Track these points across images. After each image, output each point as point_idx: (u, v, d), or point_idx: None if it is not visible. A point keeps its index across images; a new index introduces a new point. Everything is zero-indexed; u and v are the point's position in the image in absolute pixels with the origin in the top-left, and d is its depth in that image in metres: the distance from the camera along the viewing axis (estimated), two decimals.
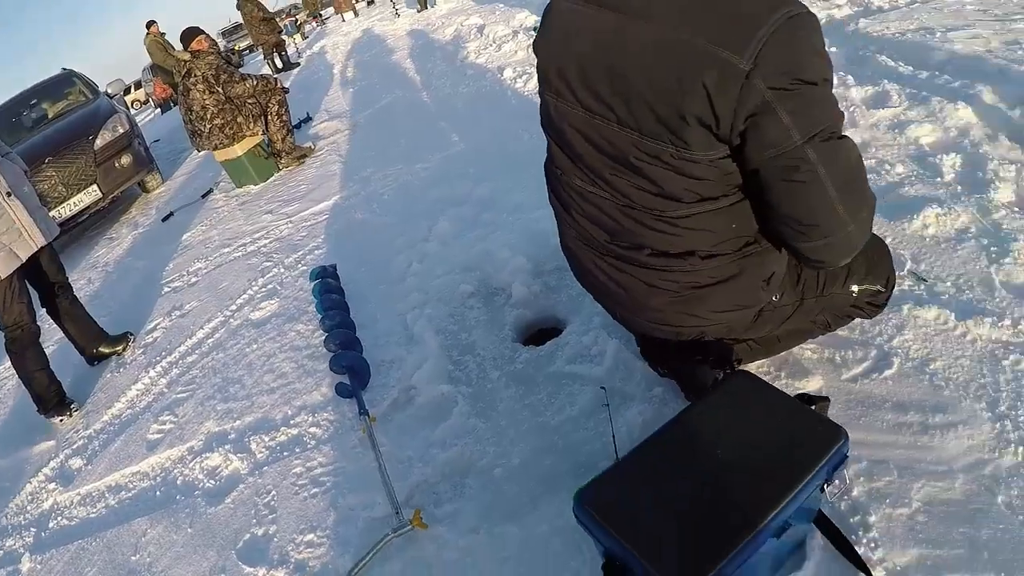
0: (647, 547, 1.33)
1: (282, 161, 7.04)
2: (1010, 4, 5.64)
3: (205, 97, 6.49)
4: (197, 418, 3.32)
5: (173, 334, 4.38)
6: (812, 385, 2.33)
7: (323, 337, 3.37)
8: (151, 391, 3.82)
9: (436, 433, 2.62)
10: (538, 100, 1.96)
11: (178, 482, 3.00)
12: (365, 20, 22.29)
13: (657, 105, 1.41)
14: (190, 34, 6.98)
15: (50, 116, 9.35)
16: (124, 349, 4.47)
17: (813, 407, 1.69)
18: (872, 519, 1.89)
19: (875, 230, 2.86)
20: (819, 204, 1.46)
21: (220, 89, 6.47)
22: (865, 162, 3.45)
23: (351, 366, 2.97)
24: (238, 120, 6.63)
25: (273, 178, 6.91)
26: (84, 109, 8.89)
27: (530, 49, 6.14)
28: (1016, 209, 3.17)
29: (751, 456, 1.46)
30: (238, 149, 6.70)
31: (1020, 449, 1.96)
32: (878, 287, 2.02)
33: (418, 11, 16.70)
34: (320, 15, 31.33)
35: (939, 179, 3.53)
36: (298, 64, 16.85)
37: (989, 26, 5.17)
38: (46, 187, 7.42)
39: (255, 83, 6.55)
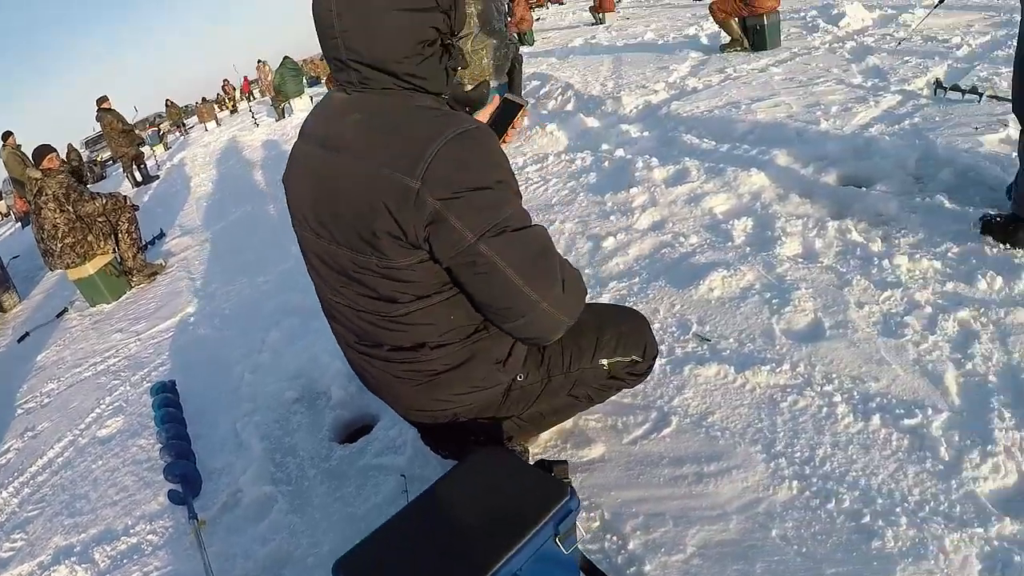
0: None
1: (133, 279, 7.07)
2: (815, 69, 5.93)
3: (56, 216, 6.50)
4: (46, 534, 3.37)
5: (25, 455, 4.38)
6: (595, 452, 2.45)
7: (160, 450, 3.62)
8: (3, 511, 3.87)
9: (259, 530, 2.75)
10: None
11: None
12: (227, 129, 22.64)
13: (358, 226, 1.61)
14: (41, 152, 7.00)
15: None
16: None
17: (552, 471, 1.99)
18: (647, 568, 1.97)
19: (666, 299, 3.40)
20: (505, 289, 1.61)
21: (70, 208, 6.52)
22: (662, 237, 4.05)
23: (183, 475, 3.14)
24: (88, 239, 6.67)
25: (125, 296, 6.95)
26: None
27: None
28: (800, 260, 3.52)
29: (488, 517, 1.59)
30: (90, 268, 6.70)
31: (795, 483, 2.10)
32: (632, 358, 2.14)
33: (276, 120, 17.16)
34: (183, 124, 31.36)
35: (729, 243, 3.87)
36: (157, 177, 16.79)
37: (793, 92, 5.55)
38: None
39: (104, 202, 6.67)
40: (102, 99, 15.92)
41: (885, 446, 2.21)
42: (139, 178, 16.49)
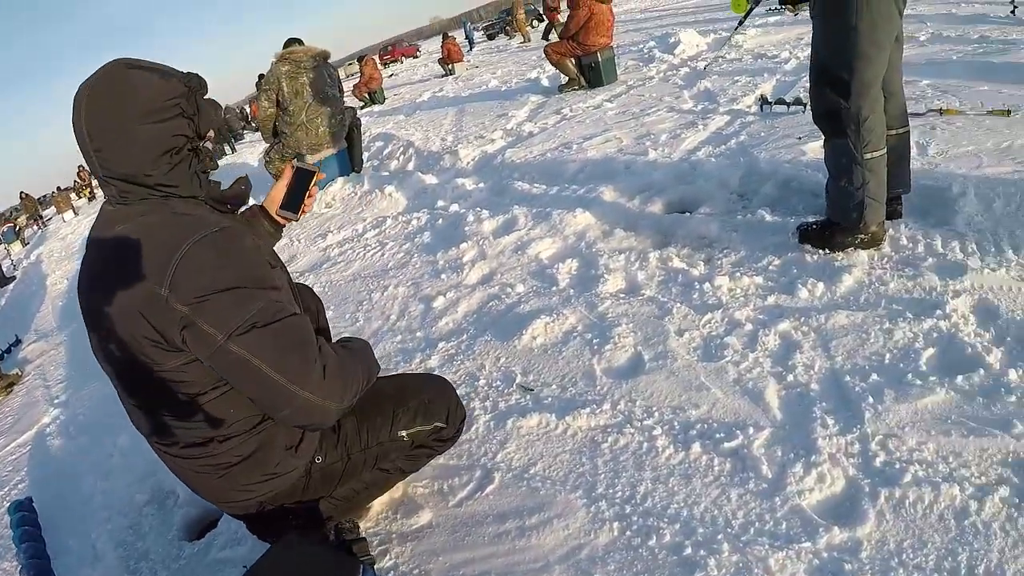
0: None
1: None
2: (648, 100, 5.95)
3: None
4: None
5: None
6: (423, 519, 2.42)
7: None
8: None
9: None
10: None
11: None
12: (85, 218, 22.32)
13: (124, 334, 1.67)
14: None
15: None
16: None
17: (352, 550, 2.07)
18: None
19: (492, 353, 3.35)
20: (263, 384, 1.65)
21: None
22: (490, 290, 3.96)
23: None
24: None
25: None
26: None
27: None
28: (622, 296, 3.49)
29: None
30: None
31: (615, 524, 2.09)
32: (435, 425, 2.22)
33: None
34: (40, 216, 30.22)
35: (554, 288, 3.82)
36: (13, 279, 16.37)
37: (625, 125, 5.61)
38: None
39: None
40: None
41: (707, 473, 2.20)
42: None
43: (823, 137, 3.09)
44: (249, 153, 12.36)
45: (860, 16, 2.76)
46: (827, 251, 3.18)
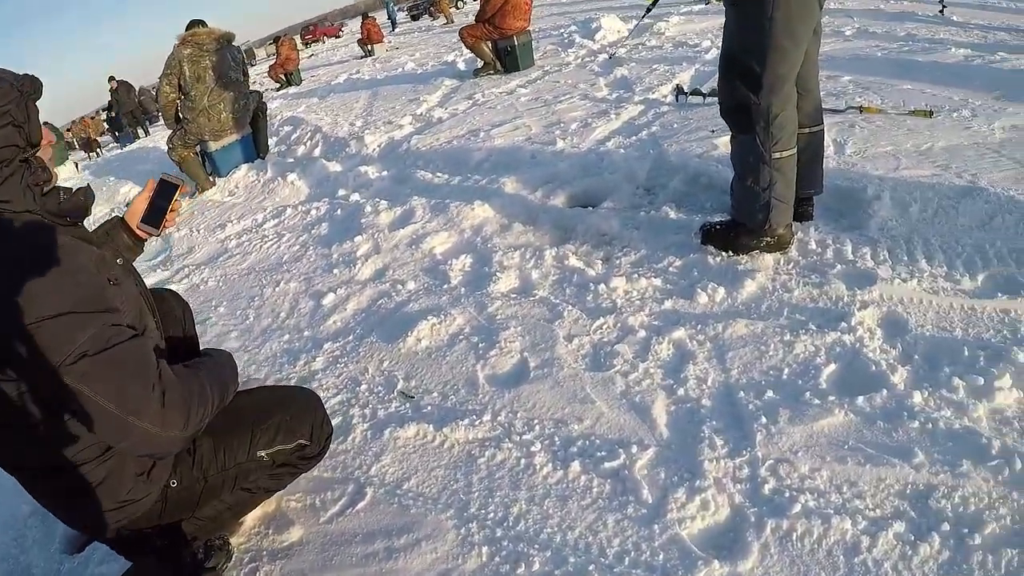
0: None
1: None
2: (562, 87, 5.74)
3: None
4: None
5: None
6: (294, 535, 2.28)
7: None
8: None
9: None
10: None
11: None
12: None
13: None
14: None
15: None
16: None
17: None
18: None
19: (376, 356, 3.14)
20: (98, 415, 1.54)
21: None
22: (381, 286, 3.69)
23: None
24: None
25: None
26: None
27: None
28: (514, 296, 3.27)
29: None
30: None
31: (484, 549, 1.96)
32: (298, 442, 2.12)
33: None
34: None
35: (445, 286, 3.59)
36: None
37: (535, 113, 5.32)
38: None
39: None
40: None
41: (584, 494, 2.05)
42: None
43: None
44: (162, 136, 11.86)
45: (777, 6, 2.54)
46: (730, 253, 3.00)
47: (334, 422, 2.74)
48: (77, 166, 17.10)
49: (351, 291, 3.91)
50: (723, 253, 3.01)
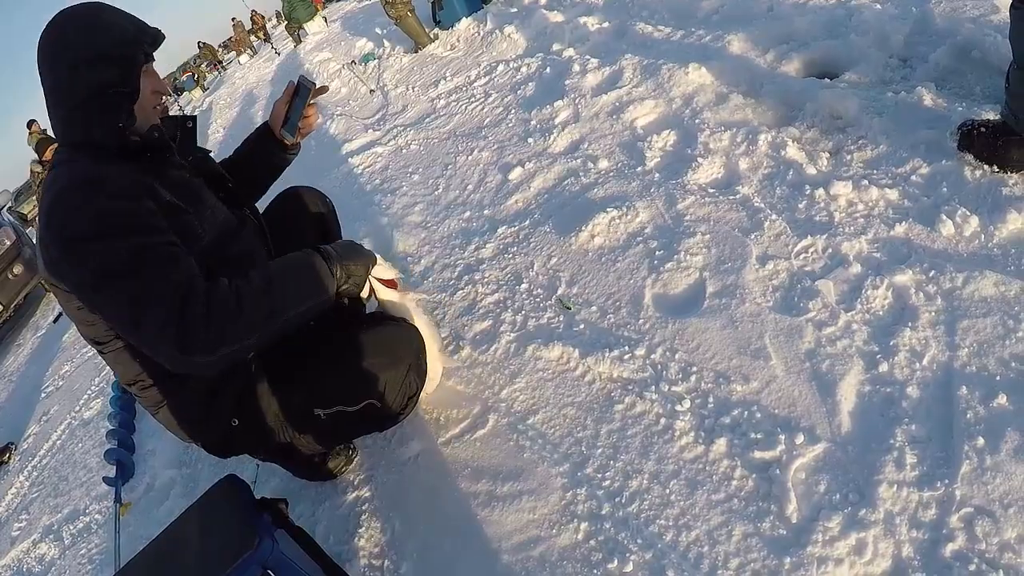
0: None
1: None
2: None
3: None
4: (39, 514, 3.65)
5: (40, 439, 4.75)
6: (411, 450, 2.20)
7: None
8: (19, 494, 4.18)
9: (159, 514, 2.84)
10: None
11: (24, 569, 3.28)
12: (256, 60, 23.29)
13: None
14: (45, 143, 7.51)
15: None
16: (9, 458, 4.95)
17: (270, 511, 1.73)
18: None
19: (545, 249, 2.86)
20: (128, 333, 1.60)
21: None
22: (571, 163, 3.45)
23: (117, 460, 3.38)
24: None
25: None
26: None
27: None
28: (711, 191, 2.71)
29: (195, 555, 1.61)
30: None
31: (583, 526, 1.70)
32: (365, 403, 1.89)
33: (294, 47, 17.36)
34: (220, 62, 32.23)
35: (640, 168, 3.08)
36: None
37: None
38: None
39: None
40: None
41: (720, 487, 1.64)
42: None
43: None
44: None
45: None
46: (995, 168, 2.13)
47: (483, 325, 2.58)
48: (326, 20, 17.98)
49: (540, 165, 3.55)
50: (985, 166, 2.15)
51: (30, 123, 13.98)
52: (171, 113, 1.96)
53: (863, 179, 2.32)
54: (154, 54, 1.75)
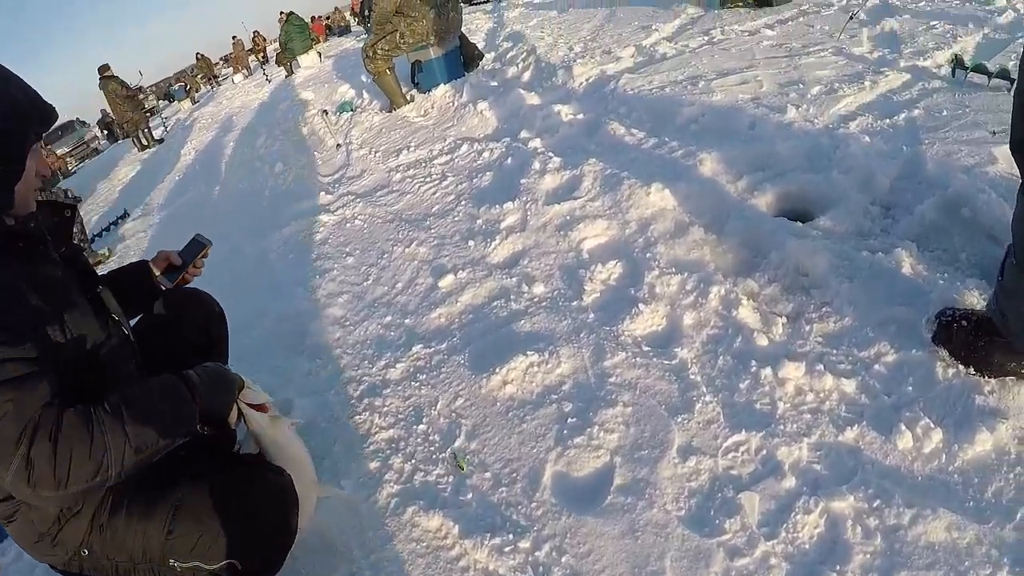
0: None
1: None
2: (816, 34, 4.55)
3: None
4: None
5: None
6: None
7: None
8: None
9: None
10: None
11: None
12: (246, 83, 23.28)
13: None
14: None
15: None
16: None
17: None
18: None
19: (453, 385, 2.59)
20: None
21: None
22: (506, 281, 3.13)
23: None
24: None
25: None
26: None
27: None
28: (646, 347, 2.46)
29: None
30: None
31: None
32: (225, 563, 1.72)
33: (285, 76, 17.70)
34: (215, 76, 32.80)
35: (575, 302, 2.83)
36: (161, 141, 17.24)
37: (774, 64, 4.24)
38: None
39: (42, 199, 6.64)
40: (104, 67, 16.22)
41: None
42: (144, 142, 17.04)
43: (1019, 176, 1.64)
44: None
45: None
46: (971, 371, 1.86)
47: (370, 466, 2.37)
48: (320, 56, 18.16)
49: (474, 276, 3.32)
50: (960, 366, 1.89)
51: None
52: (59, 197, 1.82)
53: (819, 361, 2.08)
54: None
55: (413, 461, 2.32)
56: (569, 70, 5.79)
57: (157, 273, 2.16)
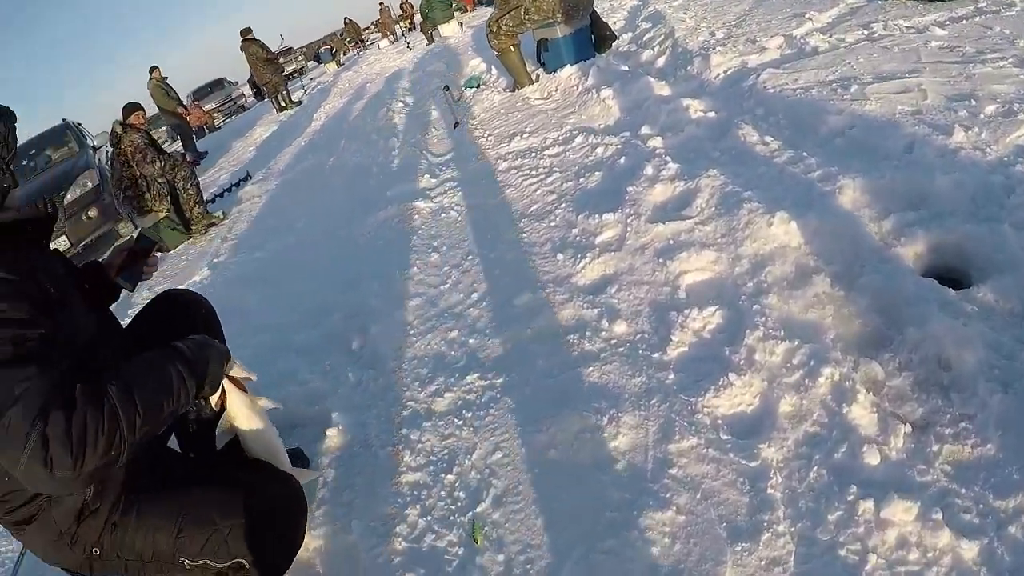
0: None
1: (193, 228, 7.76)
2: (994, 38, 3.88)
3: (122, 169, 7.29)
4: None
5: None
6: None
7: None
8: None
9: None
10: None
11: None
12: (394, 49, 23.46)
13: None
14: (130, 108, 7.92)
15: (39, 168, 11.06)
16: None
17: None
18: None
19: (500, 431, 2.30)
20: None
21: (134, 166, 7.24)
22: (587, 309, 2.76)
23: None
24: (145, 196, 7.39)
25: (179, 247, 7.62)
26: (62, 166, 10.41)
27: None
28: (724, 436, 2.01)
29: None
30: (147, 221, 7.56)
31: None
32: (234, 562, 1.84)
33: (425, 45, 17.95)
34: (363, 41, 33.87)
35: (658, 355, 2.40)
36: (300, 103, 17.68)
37: (942, 71, 3.60)
38: None
39: (163, 164, 7.37)
40: (246, 31, 16.72)
41: None
42: (283, 104, 17.45)
43: None
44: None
45: None
46: None
47: (384, 510, 2.19)
48: (462, 26, 18.32)
49: (553, 299, 2.98)
50: None
51: (152, 69, 15.02)
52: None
53: (938, 504, 1.57)
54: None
55: (429, 518, 2.12)
56: (706, 59, 5.23)
57: (112, 275, 2.16)
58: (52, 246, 1.87)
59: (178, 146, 15.83)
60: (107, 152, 8.56)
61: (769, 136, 3.68)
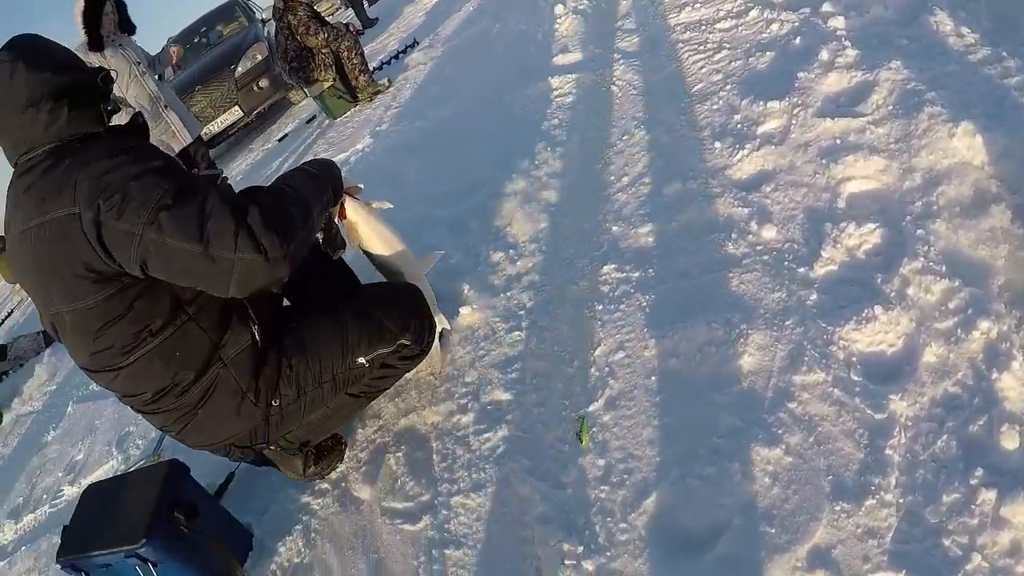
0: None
1: (360, 96, 7.96)
2: None
3: (288, 42, 7.57)
4: None
5: None
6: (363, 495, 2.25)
7: None
8: None
9: None
10: None
11: None
12: None
13: (51, 278, 1.73)
14: None
15: (210, 43, 11.82)
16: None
17: (175, 513, 2.02)
18: None
19: (625, 335, 2.29)
20: (192, 262, 1.66)
21: (299, 38, 7.52)
22: (740, 209, 2.60)
23: None
24: (310, 67, 7.65)
25: (345, 115, 7.91)
26: (232, 40, 11.10)
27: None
28: (856, 376, 1.87)
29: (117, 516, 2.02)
30: (314, 90, 7.91)
31: None
32: (400, 343, 2.16)
33: None
34: None
35: (803, 270, 2.26)
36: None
37: None
38: (197, 109, 9.47)
39: (326, 35, 7.56)
40: None
41: None
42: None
43: None
44: None
45: None
46: None
47: (499, 396, 2.32)
48: None
49: (702, 191, 2.85)
50: None
51: None
52: None
53: None
54: None
55: (542, 409, 2.19)
56: None
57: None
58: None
59: (350, 13, 15.82)
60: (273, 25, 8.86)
61: (966, 27, 3.24)
